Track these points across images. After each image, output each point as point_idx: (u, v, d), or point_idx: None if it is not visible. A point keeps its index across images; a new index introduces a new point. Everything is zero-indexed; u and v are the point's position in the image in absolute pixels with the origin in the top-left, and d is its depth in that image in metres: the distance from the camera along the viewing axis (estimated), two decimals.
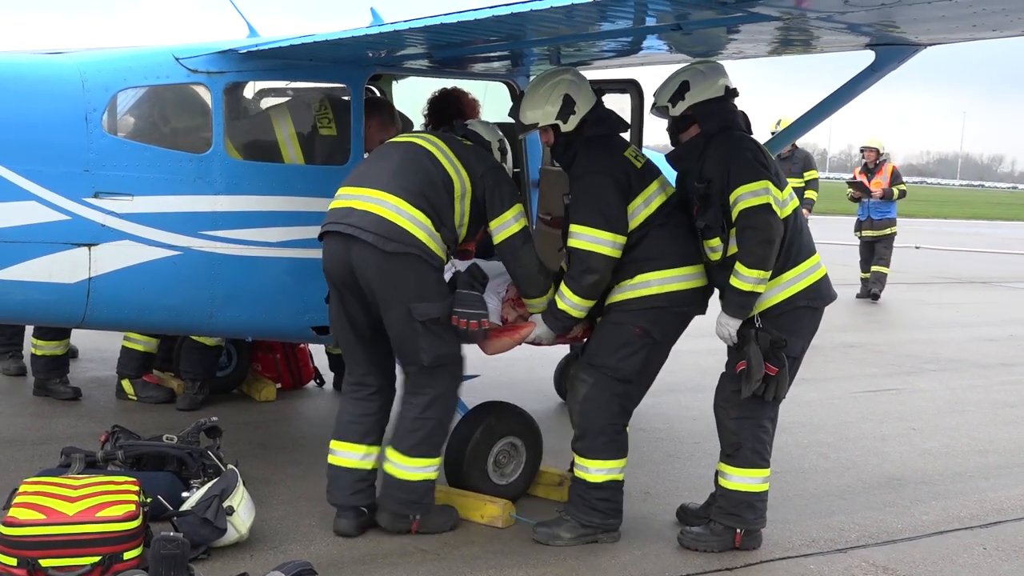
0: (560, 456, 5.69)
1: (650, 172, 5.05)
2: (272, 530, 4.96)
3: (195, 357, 7.06)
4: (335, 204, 4.94)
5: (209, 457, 5.16)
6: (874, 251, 14.94)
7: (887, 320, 13.24)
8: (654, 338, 4.98)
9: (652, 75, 5.42)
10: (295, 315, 5.77)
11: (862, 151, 15.25)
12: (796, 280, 4.90)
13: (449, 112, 6.16)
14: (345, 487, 5.02)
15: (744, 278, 4.72)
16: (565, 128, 5.00)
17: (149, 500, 4.62)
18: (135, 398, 7.17)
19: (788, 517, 5.52)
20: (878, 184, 14.77)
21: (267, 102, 6.16)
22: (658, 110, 5.10)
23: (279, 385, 7.65)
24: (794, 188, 12.38)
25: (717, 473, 5.16)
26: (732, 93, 5.01)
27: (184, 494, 4.92)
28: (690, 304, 5.05)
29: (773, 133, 12.74)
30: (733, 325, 4.82)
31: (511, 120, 5.27)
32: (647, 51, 5.29)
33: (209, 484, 4.84)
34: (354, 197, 4.87)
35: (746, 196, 4.71)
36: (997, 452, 7.18)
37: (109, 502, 4.35)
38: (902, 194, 14.96)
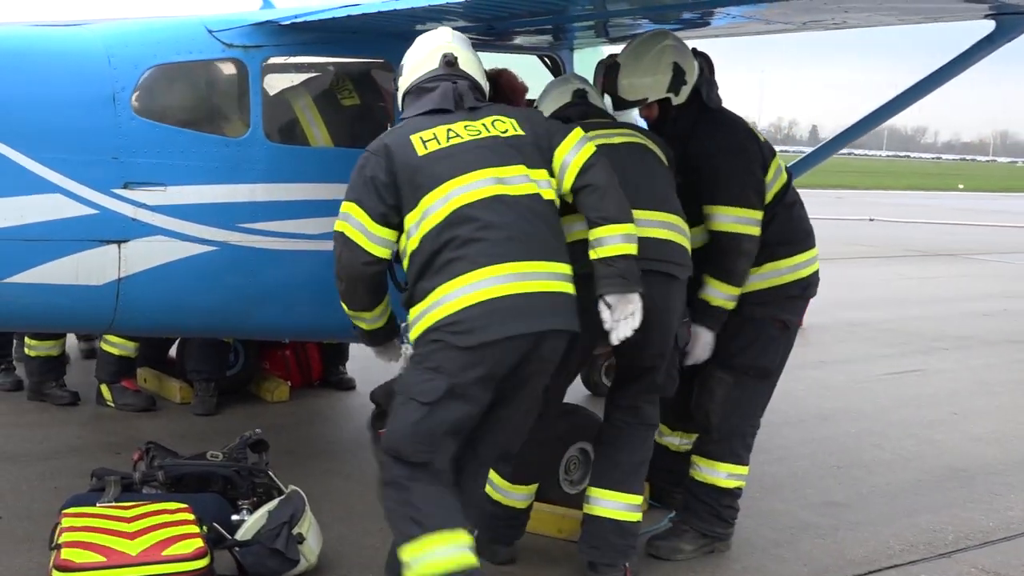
0: None
1: (769, 145, 4.65)
2: (336, 554, 4.48)
3: (207, 354, 6.48)
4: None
5: (260, 475, 4.65)
6: None
7: (877, 296, 13.06)
8: (791, 328, 4.67)
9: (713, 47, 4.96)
10: (338, 312, 5.27)
11: None
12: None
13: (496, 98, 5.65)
14: None
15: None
16: (677, 101, 4.51)
17: (206, 529, 4.12)
18: (112, 405, 6.55)
19: (874, 519, 5.21)
20: None
21: (306, 80, 5.57)
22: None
23: (289, 383, 7.13)
24: None
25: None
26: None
27: (234, 517, 4.41)
28: (814, 286, 4.72)
29: None
30: None
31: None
32: (730, 21, 4.84)
33: (268, 507, 4.34)
34: (652, 224, 4.10)
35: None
36: None
37: (172, 537, 3.84)
38: None
